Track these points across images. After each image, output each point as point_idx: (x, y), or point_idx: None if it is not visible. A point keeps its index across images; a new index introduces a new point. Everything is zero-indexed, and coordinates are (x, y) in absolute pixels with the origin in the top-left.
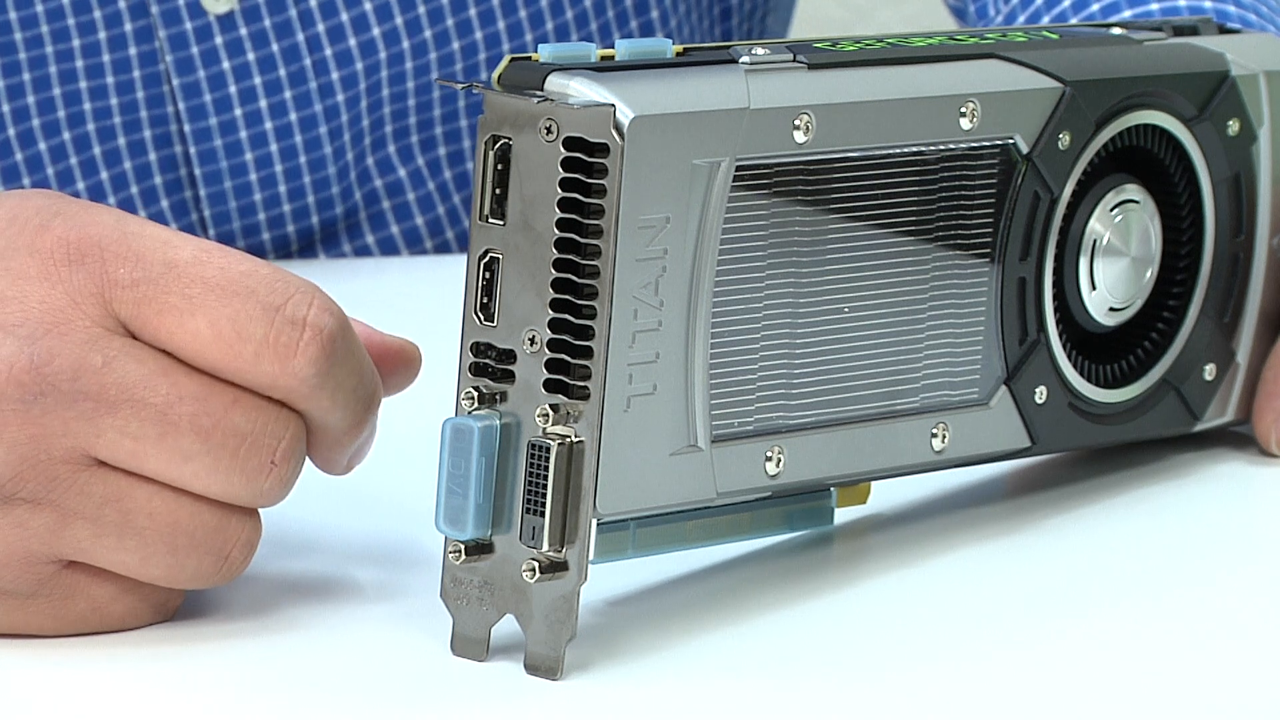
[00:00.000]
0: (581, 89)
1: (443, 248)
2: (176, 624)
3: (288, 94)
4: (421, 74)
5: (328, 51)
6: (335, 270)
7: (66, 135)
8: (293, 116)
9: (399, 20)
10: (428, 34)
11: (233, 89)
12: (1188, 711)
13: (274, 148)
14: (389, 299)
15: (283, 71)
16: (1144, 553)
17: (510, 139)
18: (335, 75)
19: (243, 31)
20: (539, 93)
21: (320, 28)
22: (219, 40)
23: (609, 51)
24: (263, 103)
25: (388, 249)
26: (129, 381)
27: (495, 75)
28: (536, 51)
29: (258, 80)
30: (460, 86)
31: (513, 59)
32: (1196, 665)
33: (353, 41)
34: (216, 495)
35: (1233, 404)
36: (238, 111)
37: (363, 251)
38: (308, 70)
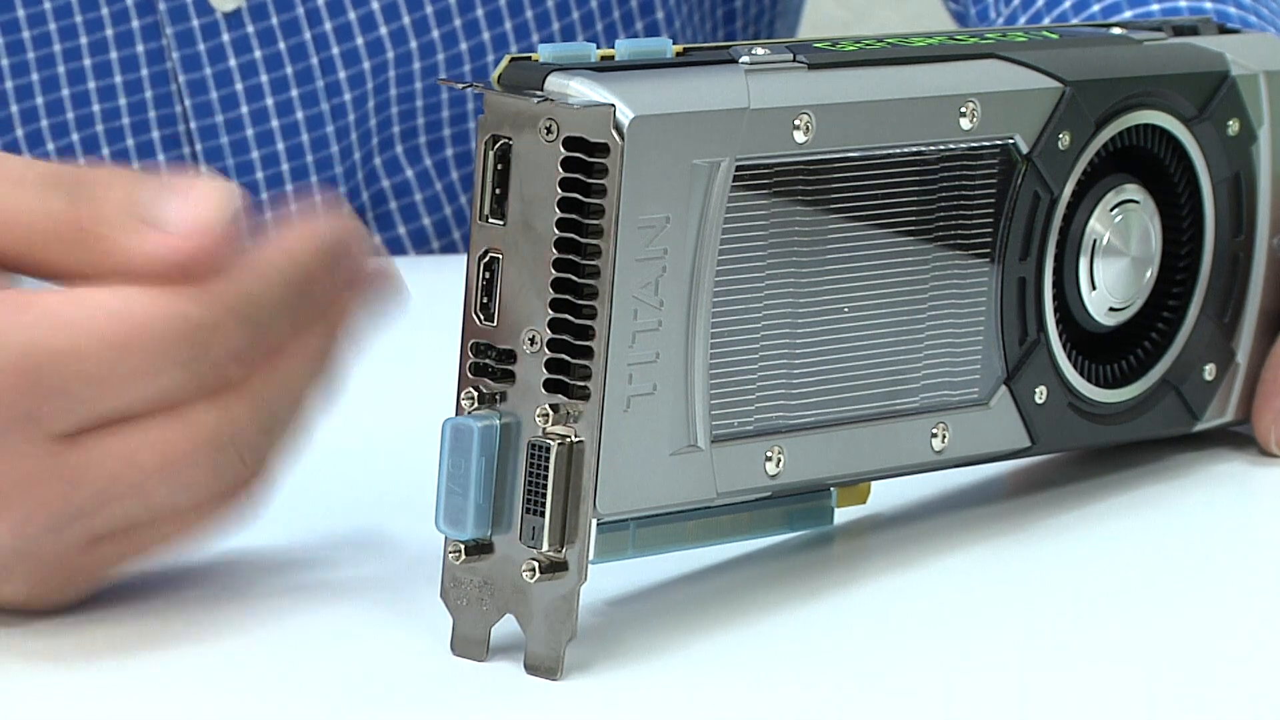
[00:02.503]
0: (581, 89)
1: (450, 249)
2: (175, 623)
3: (294, 92)
4: (429, 74)
5: (334, 50)
6: None
7: (75, 137)
8: (299, 115)
9: (406, 20)
10: (435, 34)
11: (239, 86)
12: (1188, 711)
13: (280, 147)
14: None
15: (289, 70)
16: (1144, 553)
17: (510, 139)
18: (342, 74)
19: (249, 29)
20: (539, 93)
21: (327, 26)
22: (225, 38)
23: (609, 52)
24: (269, 101)
25: (394, 250)
26: (104, 486)
27: (495, 75)
28: (538, 53)
29: (264, 78)
30: (461, 86)
31: (512, 59)
32: (1196, 665)
33: (360, 41)
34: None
35: (1233, 404)
36: (244, 110)
37: None
38: (314, 69)
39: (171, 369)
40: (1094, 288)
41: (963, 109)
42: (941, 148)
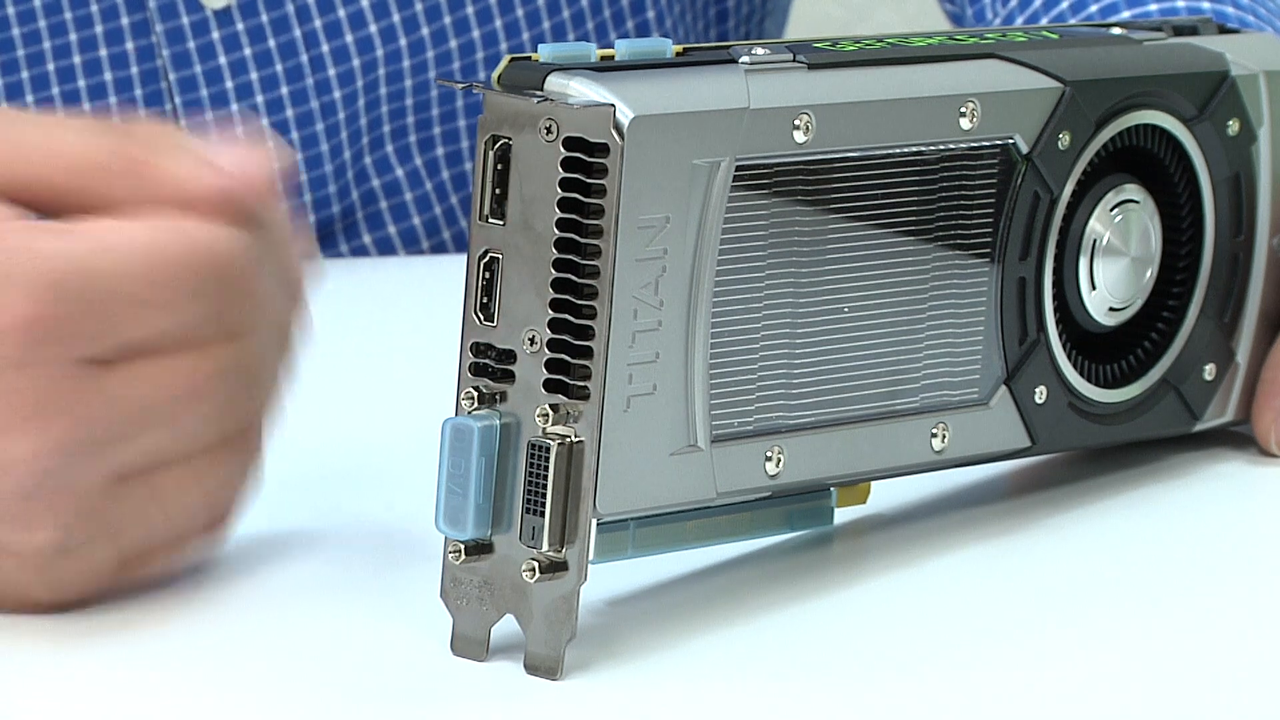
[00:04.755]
0: (581, 89)
1: (439, 248)
2: (175, 622)
3: (284, 90)
4: (419, 72)
5: (324, 48)
6: (334, 270)
7: None
8: (289, 113)
9: (396, 17)
10: (424, 31)
11: (229, 84)
12: (1187, 712)
13: (270, 145)
14: (387, 299)
15: (279, 67)
16: (1144, 552)
17: (510, 139)
18: (331, 72)
19: (239, 26)
20: (539, 93)
21: (317, 23)
22: (215, 35)
23: (609, 51)
24: (259, 99)
25: (384, 249)
26: (130, 413)
27: (495, 75)
28: (533, 51)
29: (254, 76)
30: (460, 86)
31: (512, 59)
32: (1196, 665)
33: (349, 38)
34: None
35: (1233, 404)
36: (234, 108)
37: (359, 251)
38: (304, 66)
39: (197, 302)
40: (1094, 288)
41: (963, 109)
42: (941, 148)
